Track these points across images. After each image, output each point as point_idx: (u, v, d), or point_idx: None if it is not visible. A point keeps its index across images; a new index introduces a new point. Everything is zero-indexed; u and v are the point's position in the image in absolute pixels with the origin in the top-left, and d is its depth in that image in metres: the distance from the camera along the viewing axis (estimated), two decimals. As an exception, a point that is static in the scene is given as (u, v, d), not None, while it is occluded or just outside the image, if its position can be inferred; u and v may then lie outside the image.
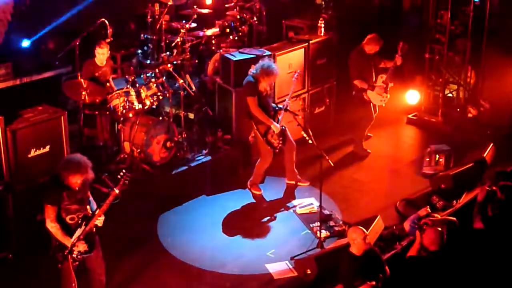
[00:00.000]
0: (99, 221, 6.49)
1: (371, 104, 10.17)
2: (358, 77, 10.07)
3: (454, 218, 7.53)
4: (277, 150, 8.96)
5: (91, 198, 6.73)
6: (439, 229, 6.92)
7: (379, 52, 10.12)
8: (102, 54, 9.38)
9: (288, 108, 8.96)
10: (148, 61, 11.08)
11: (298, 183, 9.24)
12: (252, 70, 8.86)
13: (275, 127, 8.82)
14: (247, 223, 8.74)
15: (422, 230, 7.02)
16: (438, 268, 6.71)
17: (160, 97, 9.45)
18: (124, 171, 6.47)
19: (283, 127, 8.93)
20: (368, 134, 10.74)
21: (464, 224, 7.62)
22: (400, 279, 6.87)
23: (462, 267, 6.80)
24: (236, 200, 9.20)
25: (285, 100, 9.16)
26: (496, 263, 6.99)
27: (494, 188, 7.72)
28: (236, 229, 8.58)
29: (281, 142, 8.91)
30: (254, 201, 9.16)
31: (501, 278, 6.89)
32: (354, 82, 10.11)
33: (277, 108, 9.03)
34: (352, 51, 10.17)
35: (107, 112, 9.21)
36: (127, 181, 6.40)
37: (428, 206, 8.06)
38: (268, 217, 8.85)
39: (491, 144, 9.84)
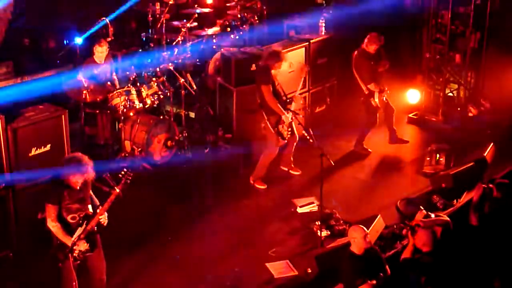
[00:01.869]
0: (103, 218, 6.50)
1: (377, 109, 10.11)
2: (372, 79, 9.93)
3: (448, 219, 7.50)
4: (286, 141, 9.06)
5: (92, 195, 6.73)
6: (431, 230, 6.92)
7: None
8: (101, 53, 9.39)
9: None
10: (149, 60, 11.08)
11: (290, 171, 9.61)
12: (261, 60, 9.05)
13: (286, 117, 8.89)
14: (248, 221, 8.74)
15: (414, 231, 7.01)
16: (434, 267, 6.73)
17: (161, 96, 9.46)
18: (125, 170, 6.48)
19: (292, 119, 9.06)
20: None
21: (464, 223, 7.62)
22: (399, 280, 6.88)
23: (459, 265, 6.81)
24: (236, 198, 9.21)
25: (294, 94, 9.31)
26: (493, 261, 7.00)
27: (490, 186, 7.73)
28: (237, 228, 8.58)
29: (290, 133, 9.01)
30: (256, 198, 9.18)
31: (499, 276, 6.90)
32: (368, 86, 9.92)
33: (288, 100, 9.12)
34: (355, 54, 9.97)
35: (108, 111, 9.22)
36: (128, 180, 6.42)
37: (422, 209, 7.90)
38: (270, 216, 8.87)
39: (492, 144, 9.83)
